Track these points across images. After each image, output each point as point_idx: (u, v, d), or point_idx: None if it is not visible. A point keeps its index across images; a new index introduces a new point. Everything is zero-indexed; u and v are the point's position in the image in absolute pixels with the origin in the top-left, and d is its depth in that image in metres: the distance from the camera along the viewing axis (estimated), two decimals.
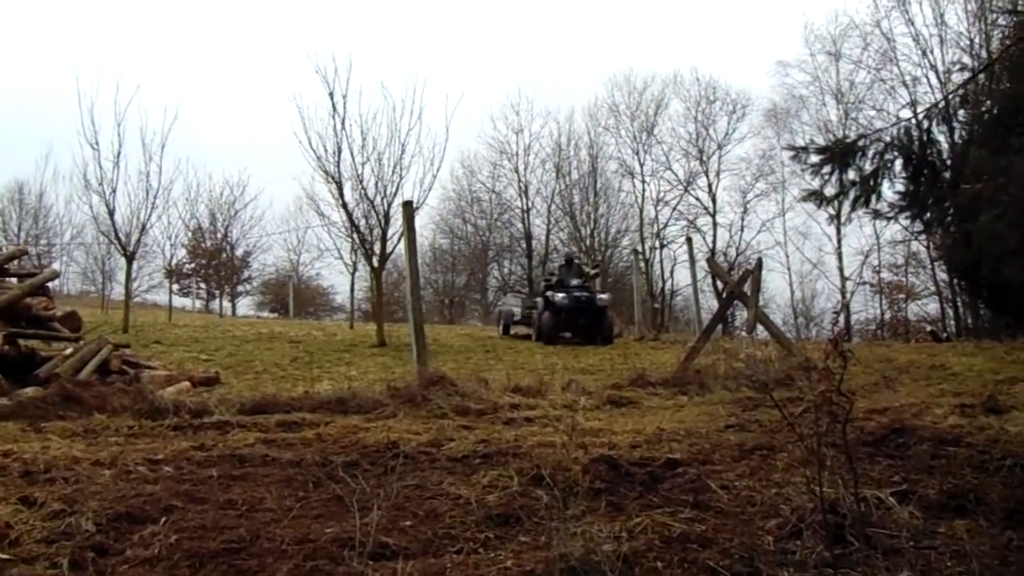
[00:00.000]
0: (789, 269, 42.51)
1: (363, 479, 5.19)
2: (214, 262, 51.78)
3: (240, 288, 54.91)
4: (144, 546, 4.06)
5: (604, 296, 22.12)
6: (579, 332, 21.25)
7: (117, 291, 38.30)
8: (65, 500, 4.76)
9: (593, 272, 24.04)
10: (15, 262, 14.62)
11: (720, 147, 43.63)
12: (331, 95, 21.05)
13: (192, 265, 52.25)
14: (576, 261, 24.81)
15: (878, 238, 38.14)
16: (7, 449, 6.35)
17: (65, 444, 6.75)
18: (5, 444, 6.65)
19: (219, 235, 50.53)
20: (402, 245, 13.28)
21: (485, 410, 8.63)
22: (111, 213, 24.06)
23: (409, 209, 11.44)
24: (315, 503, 4.97)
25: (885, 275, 40.59)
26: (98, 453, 6.33)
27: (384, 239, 20.95)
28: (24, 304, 12.52)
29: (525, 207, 45.96)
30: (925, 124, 8.68)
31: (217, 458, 6.28)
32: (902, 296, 40.64)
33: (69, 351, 11.06)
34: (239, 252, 52.66)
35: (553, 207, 46.12)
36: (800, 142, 36.37)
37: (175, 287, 46.60)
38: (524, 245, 46.36)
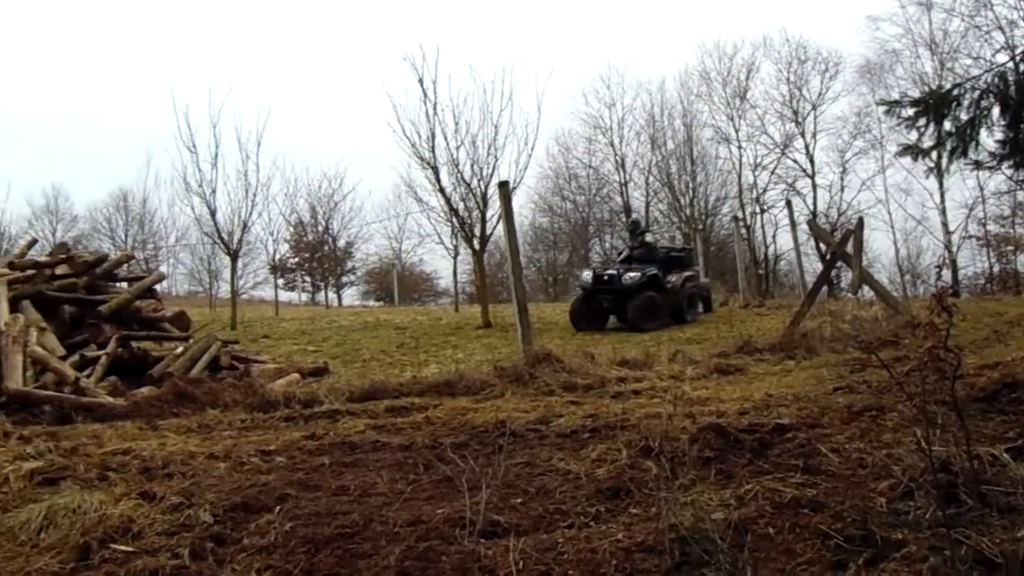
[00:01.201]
0: (892, 227, 41.94)
1: (473, 459, 5.31)
2: (317, 255, 52.77)
3: (344, 279, 55.93)
4: (261, 534, 4.25)
5: (633, 275, 18.68)
6: (605, 317, 18.99)
7: (224, 289, 39.38)
8: (183, 493, 4.99)
9: (645, 240, 20.65)
10: (123, 267, 15.16)
11: (815, 107, 43.12)
12: (421, 81, 21.29)
13: (296, 259, 53.40)
14: (641, 228, 21.81)
15: (982, 190, 37.51)
16: (126, 447, 6.66)
17: (181, 440, 7.04)
18: (124, 442, 6.97)
19: (320, 228, 51.57)
20: (501, 226, 13.39)
21: (592, 385, 8.69)
22: (213, 213, 24.81)
23: (505, 189, 11.51)
24: (426, 485, 5.10)
25: (992, 227, 39.70)
26: (213, 447, 6.60)
27: (483, 221, 21.10)
28: (134, 307, 12.99)
29: (623, 180, 46.06)
30: (1023, 67, 8.35)
31: (328, 446, 6.48)
32: (1010, 248, 39.55)
33: (180, 350, 11.45)
34: (341, 243, 53.65)
35: (651, 179, 46.09)
36: (895, 97, 35.64)
37: (280, 282, 47.79)
38: (624, 218, 46.13)
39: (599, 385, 8.69)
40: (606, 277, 19.05)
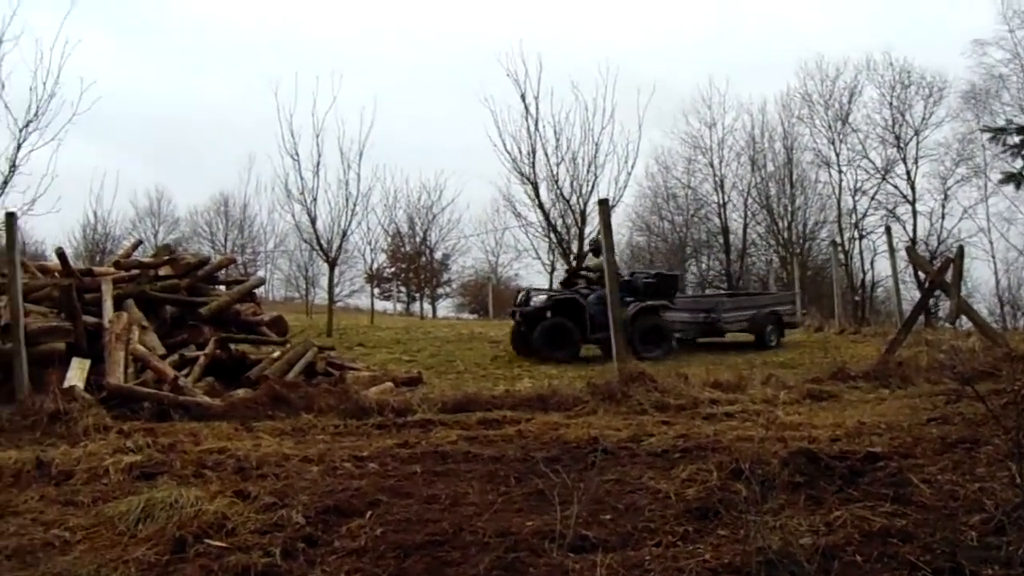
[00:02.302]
0: (994, 256, 40.35)
1: (564, 474, 5.32)
2: (413, 266, 53.25)
3: (440, 290, 56.39)
4: (351, 538, 4.35)
5: (541, 298, 17.50)
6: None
7: (320, 296, 40.08)
8: (276, 494, 5.14)
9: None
10: (223, 270, 15.55)
11: (917, 132, 42.08)
12: (523, 97, 21.52)
13: (392, 269, 54.01)
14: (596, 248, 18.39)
15: None
16: (222, 446, 6.87)
17: (275, 442, 7.22)
18: (220, 441, 7.19)
19: (418, 239, 52.00)
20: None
21: (684, 405, 8.69)
22: (313, 221, 25.25)
23: (605, 207, 11.54)
24: (517, 497, 5.17)
25: None
26: (306, 450, 6.77)
27: (581, 238, 21.15)
28: (233, 310, 13.33)
29: (721, 201, 45.59)
30: None
31: (420, 455, 6.59)
32: None
33: (277, 354, 11.69)
34: (438, 255, 54.07)
35: (749, 200, 45.47)
36: (1001, 124, 34.65)
37: (376, 291, 48.46)
38: (721, 240, 45.93)
39: (691, 406, 8.69)
40: (518, 299, 18.27)
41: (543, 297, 17.50)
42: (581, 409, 8.73)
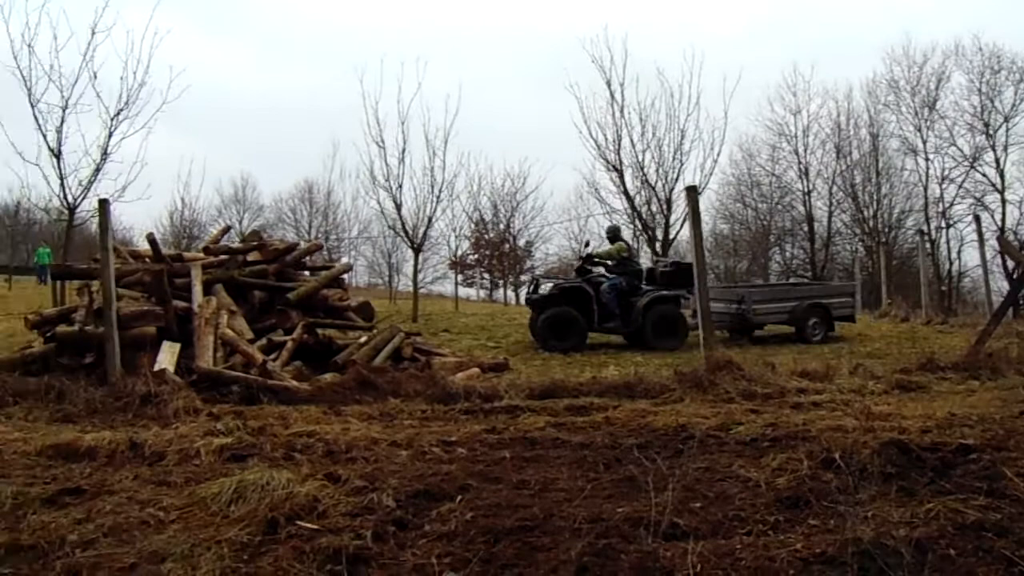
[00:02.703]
0: None
1: (652, 461, 5.36)
2: (497, 253, 53.36)
3: (523, 277, 56.46)
4: (442, 522, 4.37)
5: (547, 286, 17.01)
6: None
7: (403, 283, 40.37)
8: (366, 477, 5.18)
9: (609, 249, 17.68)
10: (310, 256, 15.71)
11: (1007, 119, 40.59)
12: (608, 83, 21.41)
13: (475, 256, 54.18)
14: (613, 236, 18.00)
15: None
16: (311, 430, 6.94)
17: (363, 426, 7.28)
18: (308, 425, 7.27)
19: (501, 226, 52.12)
20: (684, 231, 13.23)
21: (772, 394, 8.60)
22: (398, 208, 25.44)
23: (693, 194, 11.39)
24: (606, 484, 5.14)
25: None
26: (395, 435, 6.81)
27: (667, 225, 21.00)
28: (321, 296, 13.46)
29: (806, 189, 44.88)
30: None
31: (509, 440, 6.60)
32: None
33: (364, 339, 11.79)
34: (521, 242, 54.09)
35: (834, 188, 44.62)
36: None
37: (459, 277, 48.67)
38: (806, 228, 45.18)
39: (778, 395, 8.59)
40: (529, 288, 17.93)
41: (550, 285, 17.00)
42: (668, 397, 8.68)
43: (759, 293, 19.26)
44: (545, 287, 16.95)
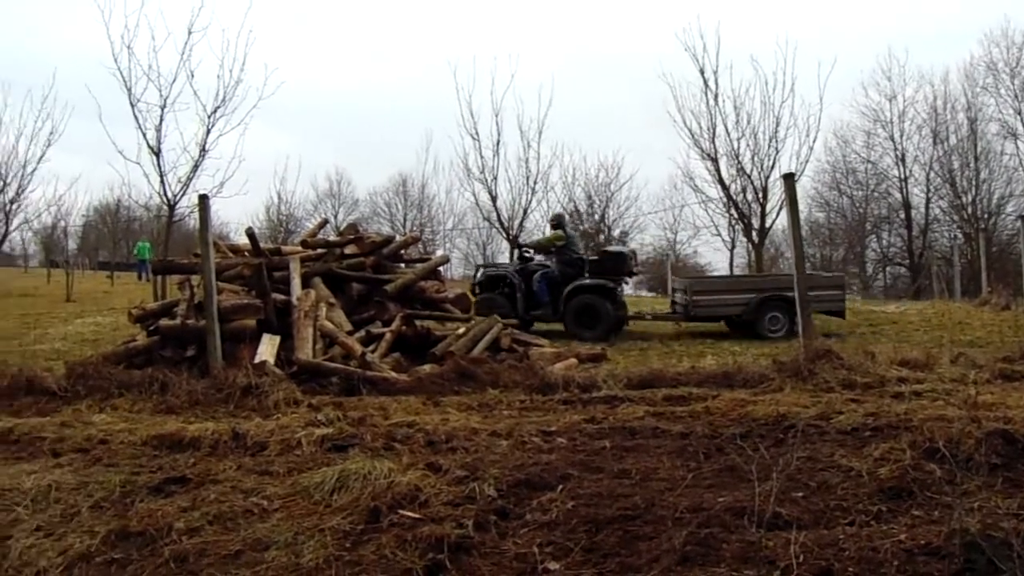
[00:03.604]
0: None
1: (753, 451, 5.31)
2: (591, 244, 53.38)
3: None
4: (543, 511, 4.39)
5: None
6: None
7: None
8: (467, 467, 5.23)
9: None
10: (407, 249, 15.86)
11: None
12: (702, 72, 21.28)
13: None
14: (556, 222, 18.66)
15: None
16: (410, 420, 7.03)
17: (463, 416, 7.35)
18: (408, 415, 7.36)
19: (596, 216, 52.09)
20: (779, 219, 13.11)
21: (872, 383, 8.42)
22: (494, 200, 25.68)
23: (791, 181, 11.23)
24: (707, 473, 5.13)
25: None
26: (494, 425, 6.85)
27: (763, 213, 20.77)
28: (418, 287, 13.57)
29: (902, 176, 44.03)
30: None
31: (608, 430, 6.58)
32: None
33: (462, 330, 11.84)
34: (616, 233, 53.96)
35: (931, 174, 43.64)
36: None
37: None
38: (903, 215, 44.31)
39: (878, 384, 8.42)
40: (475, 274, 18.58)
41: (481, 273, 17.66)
42: (767, 386, 8.58)
43: (701, 284, 18.92)
44: (479, 275, 17.72)
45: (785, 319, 16.64)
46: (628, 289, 20.36)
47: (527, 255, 17.89)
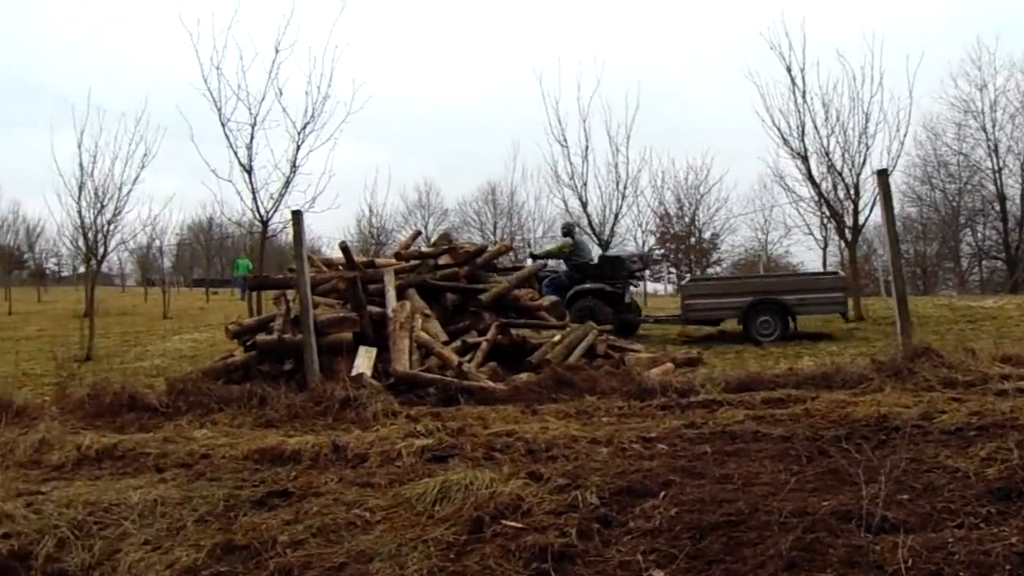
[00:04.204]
0: None
1: (855, 453, 5.28)
2: (682, 246, 53.20)
3: (709, 270, 56.08)
4: (646, 518, 4.37)
5: None
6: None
7: None
8: (568, 475, 5.23)
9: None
10: (500, 258, 15.91)
11: None
12: (788, 69, 20.99)
13: (661, 250, 54.15)
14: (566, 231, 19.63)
15: None
16: (509, 429, 7.05)
17: (561, 424, 7.34)
18: (507, 424, 7.39)
19: (686, 220, 51.95)
20: (872, 216, 12.86)
21: (973, 381, 8.22)
22: (584, 205, 25.73)
23: (884, 177, 11.04)
24: (810, 477, 5.06)
25: None
26: (594, 432, 6.83)
27: (855, 211, 20.45)
28: (512, 296, 13.61)
29: (996, 167, 42.88)
30: None
31: (708, 435, 6.54)
32: None
33: (557, 338, 11.85)
34: (706, 235, 53.77)
35: None
36: None
37: (646, 272, 48.61)
38: (998, 208, 43.22)
39: (980, 382, 8.20)
40: None
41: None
42: (866, 387, 8.42)
43: (694, 288, 18.74)
44: None
45: (776, 322, 16.60)
46: None
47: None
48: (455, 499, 4.78)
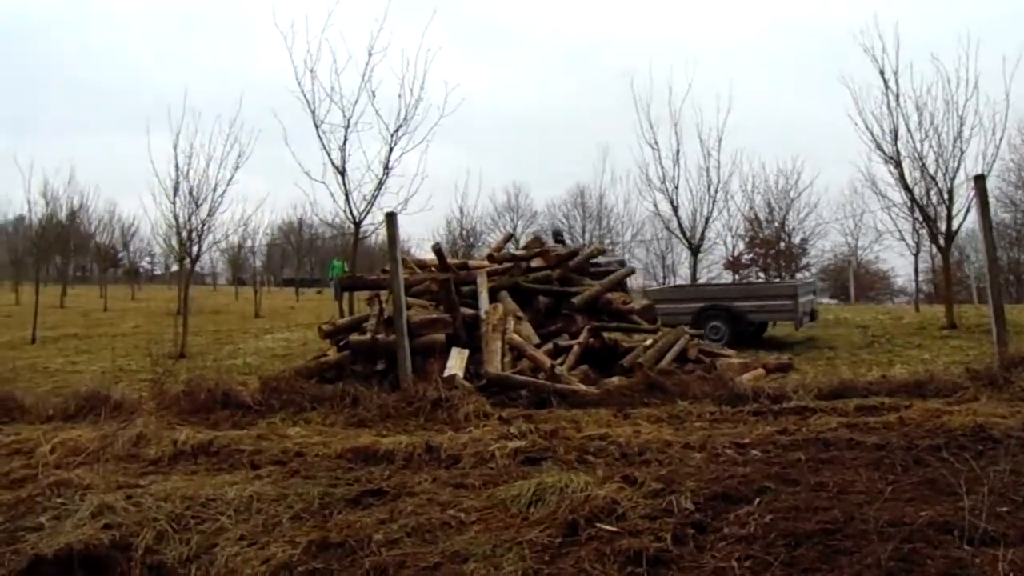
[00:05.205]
0: None
1: (954, 463, 5.22)
2: (772, 251, 52.64)
3: (798, 275, 55.37)
4: (740, 525, 4.37)
5: None
6: None
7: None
8: (662, 480, 5.24)
9: None
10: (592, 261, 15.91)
11: None
12: (882, 72, 20.64)
13: (750, 255, 53.61)
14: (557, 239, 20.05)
15: None
16: (602, 433, 7.06)
17: (654, 428, 7.33)
18: (599, 428, 7.40)
19: (776, 224, 51.39)
20: (967, 222, 12.60)
21: None
22: (675, 209, 25.63)
23: (981, 183, 10.81)
24: (906, 486, 5.00)
25: None
26: (686, 437, 6.82)
27: (949, 217, 20.04)
28: (604, 299, 13.59)
29: None
30: None
31: (802, 442, 6.50)
32: None
33: (649, 342, 11.84)
34: (796, 240, 53.11)
35: None
36: None
37: (735, 277, 48.41)
38: None
39: None
40: None
41: None
42: (961, 395, 8.30)
43: (656, 294, 19.12)
44: None
45: (725, 328, 17.24)
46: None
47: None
48: (549, 501, 4.82)
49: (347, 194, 19.33)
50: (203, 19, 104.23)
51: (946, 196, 20.01)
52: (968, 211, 19.46)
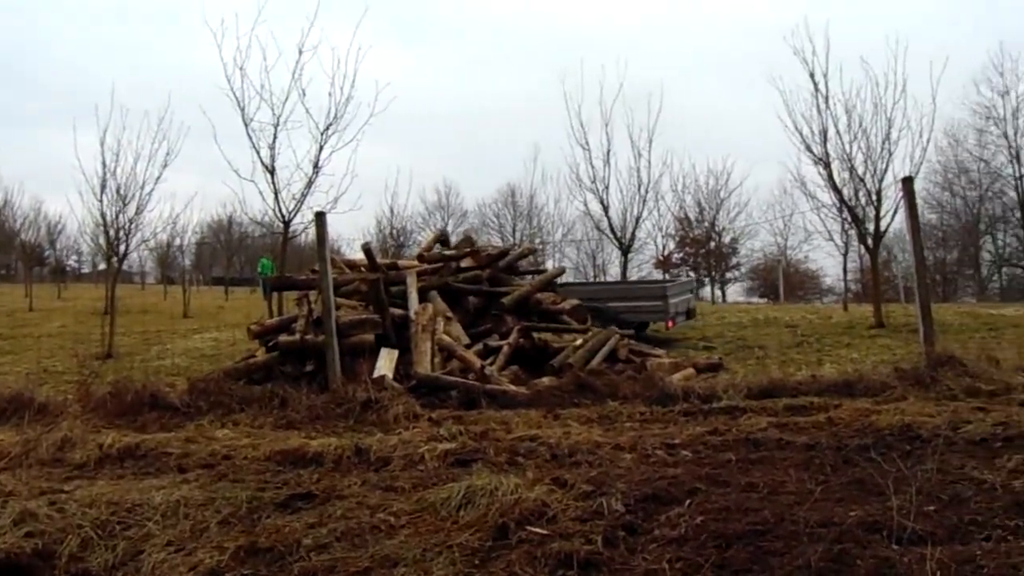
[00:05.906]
0: None
1: (881, 463, 5.26)
2: (702, 250, 53.27)
3: (728, 275, 56.05)
4: (671, 526, 4.36)
5: None
6: None
7: None
8: (592, 482, 5.23)
9: None
10: (523, 260, 15.93)
11: None
12: (811, 75, 20.91)
13: (680, 255, 54.15)
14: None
15: None
16: (533, 434, 7.05)
17: (584, 429, 7.32)
18: (530, 429, 7.38)
19: (706, 223, 52.05)
20: (894, 223, 12.81)
21: (997, 391, 8.22)
22: (606, 209, 25.80)
23: (909, 185, 11.09)
24: (835, 487, 5.05)
25: None
26: (617, 438, 6.82)
27: (877, 218, 20.38)
28: (535, 299, 13.61)
29: (1017, 174, 42.63)
30: None
31: (732, 442, 6.54)
32: None
33: (579, 342, 11.87)
34: (726, 239, 53.82)
35: None
36: None
37: (665, 276, 48.85)
38: (1019, 215, 43.19)
39: (1004, 391, 8.20)
40: None
41: None
42: (889, 395, 8.43)
43: None
44: None
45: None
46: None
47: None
48: (480, 504, 4.77)
49: (276, 193, 19.18)
50: (134, 11, 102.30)
51: (874, 197, 20.31)
52: (896, 212, 19.84)
